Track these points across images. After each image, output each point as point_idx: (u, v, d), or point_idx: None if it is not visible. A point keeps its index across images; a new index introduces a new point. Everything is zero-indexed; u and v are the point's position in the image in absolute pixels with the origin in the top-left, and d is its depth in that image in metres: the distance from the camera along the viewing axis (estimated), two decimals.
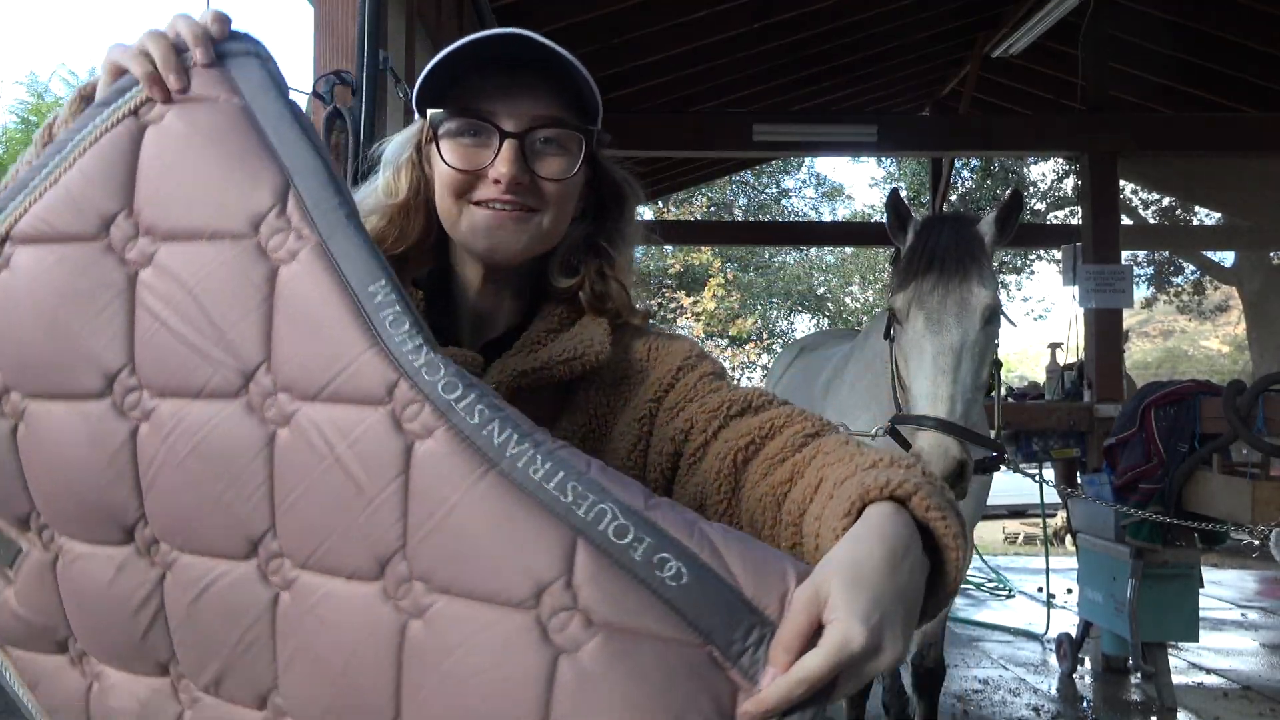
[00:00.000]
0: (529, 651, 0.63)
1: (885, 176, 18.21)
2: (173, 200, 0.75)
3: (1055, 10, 5.64)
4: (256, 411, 0.71)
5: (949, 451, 2.20)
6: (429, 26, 3.95)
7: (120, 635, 0.77)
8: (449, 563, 0.66)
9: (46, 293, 0.76)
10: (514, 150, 0.95)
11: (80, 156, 0.77)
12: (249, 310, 0.72)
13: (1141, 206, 13.62)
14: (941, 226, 2.46)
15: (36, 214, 0.77)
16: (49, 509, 0.78)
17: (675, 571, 0.63)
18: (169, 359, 0.73)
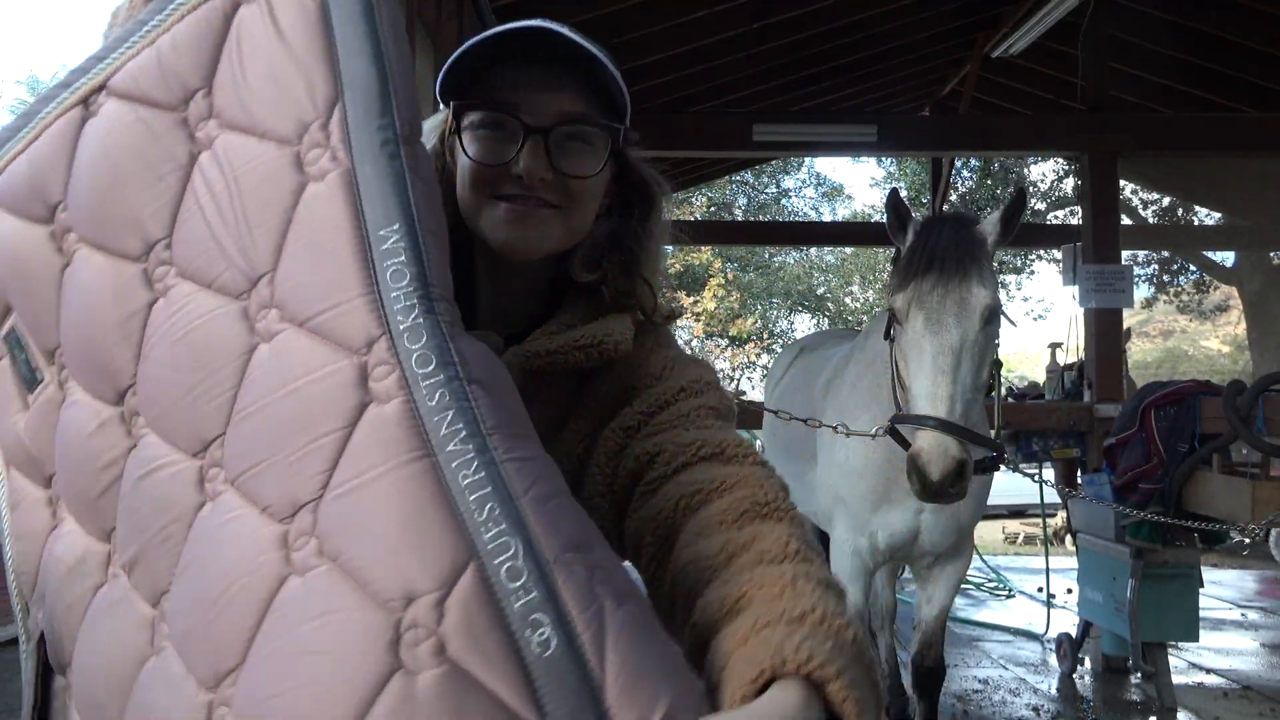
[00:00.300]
0: (372, 653, 0.60)
1: (885, 176, 18.22)
2: (242, 89, 0.74)
3: (1055, 10, 5.64)
4: (249, 319, 0.71)
5: (948, 451, 2.20)
6: (429, 26, 3.95)
7: (83, 487, 0.80)
8: (347, 532, 0.64)
9: (119, 149, 0.78)
10: (538, 146, 0.92)
11: (178, 22, 0.77)
12: (271, 218, 0.72)
13: (1141, 206, 13.63)
14: (941, 227, 2.46)
15: (130, 71, 0.78)
16: (69, 349, 0.81)
17: (544, 639, 0.59)
18: (196, 243, 0.74)
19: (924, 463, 2.22)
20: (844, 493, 3.04)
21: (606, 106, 0.97)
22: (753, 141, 6.62)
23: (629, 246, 1.01)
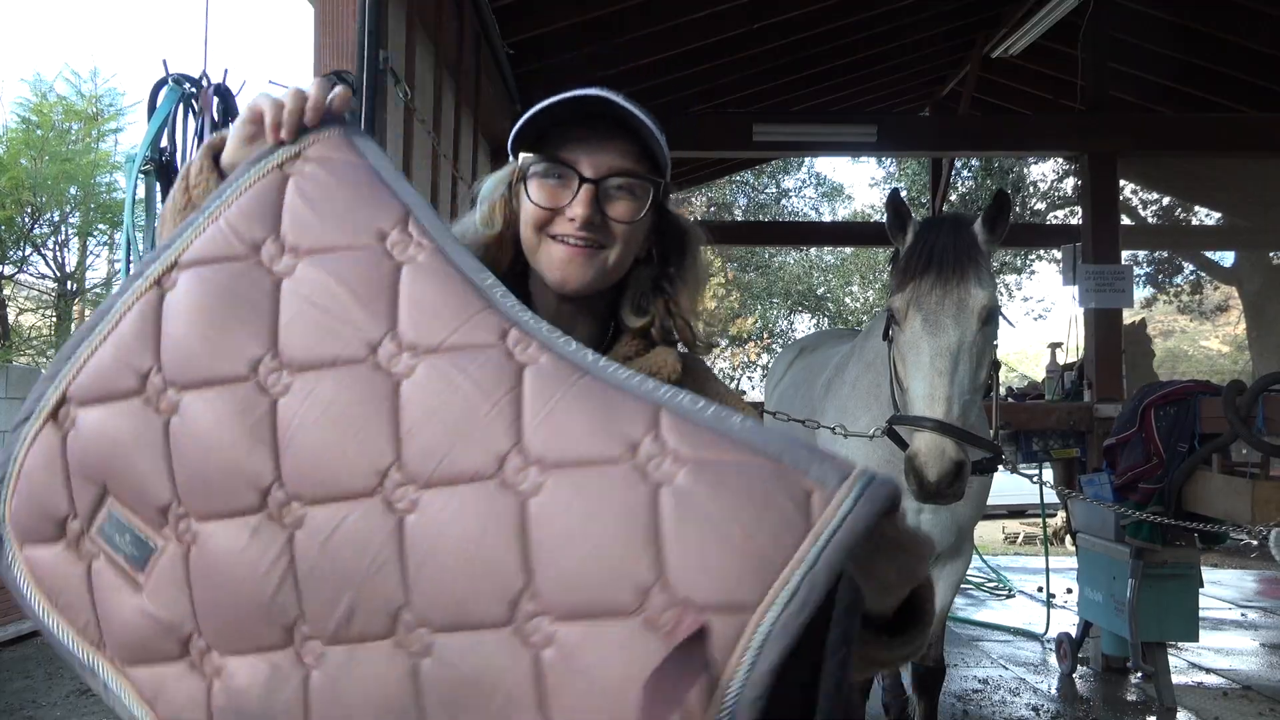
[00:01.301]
0: (632, 490, 0.76)
1: (885, 176, 18.21)
2: (313, 225, 0.93)
3: (1055, 10, 5.64)
4: (384, 369, 0.85)
5: (946, 452, 2.20)
6: (429, 26, 3.95)
7: (247, 605, 0.84)
8: (557, 443, 0.80)
9: (206, 300, 0.90)
10: (590, 193, 1.09)
11: (237, 198, 0.95)
12: (377, 295, 0.88)
13: (1141, 206, 13.62)
14: (940, 227, 2.46)
15: (199, 245, 0.93)
16: (190, 491, 0.87)
17: (741, 420, 0.79)
18: (305, 340, 0.87)
19: (921, 464, 2.21)
20: None
21: (650, 162, 1.14)
22: (753, 141, 6.63)
23: (669, 290, 1.19)
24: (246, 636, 0.85)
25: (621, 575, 0.75)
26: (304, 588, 0.83)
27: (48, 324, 11.03)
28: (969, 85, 7.54)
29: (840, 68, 7.51)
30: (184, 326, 0.90)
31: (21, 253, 10.12)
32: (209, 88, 2.78)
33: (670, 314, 1.18)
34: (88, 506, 0.90)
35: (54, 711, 4.48)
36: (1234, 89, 7.18)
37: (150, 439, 0.88)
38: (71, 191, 10.00)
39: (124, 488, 0.89)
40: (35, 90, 10.26)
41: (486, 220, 1.17)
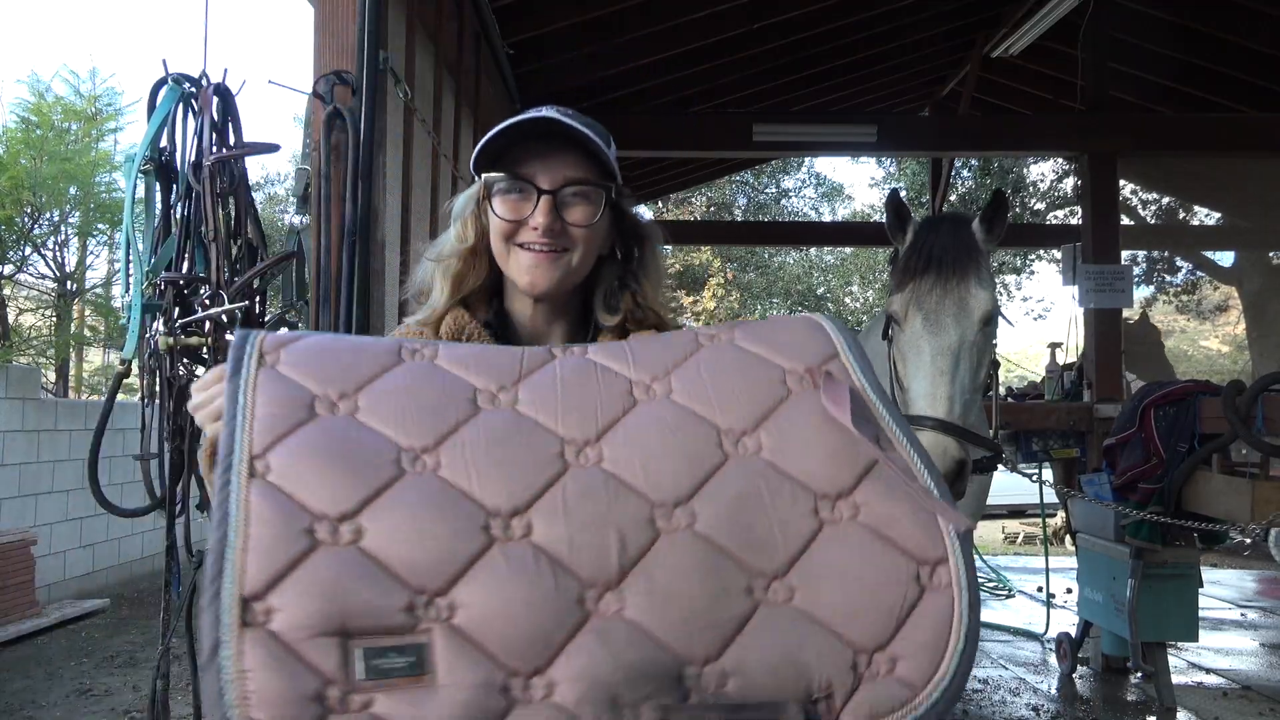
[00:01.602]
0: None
1: (885, 176, 18.20)
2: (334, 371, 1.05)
3: (1055, 10, 5.64)
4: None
5: (948, 451, 2.20)
6: (429, 26, 3.94)
7: (537, 615, 0.88)
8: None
9: (313, 452, 0.93)
10: (548, 203, 1.20)
11: (249, 409, 0.97)
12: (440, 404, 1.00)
13: (1141, 206, 13.62)
14: (939, 227, 2.46)
15: (260, 433, 0.94)
16: (424, 576, 0.88)
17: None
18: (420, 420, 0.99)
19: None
20: None
21: (601, 170, 1.25)
22: (753, 141, 6.63)
23: (635, 284, 1.30)
24: (551, 637, 0.87)
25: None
26: (571, 560, 0.89)
27: (48, 324, 11.03)
28: (969, 85, 7.54)
29: (840, 68, 7.51)
30: (317, 475, 0.91)
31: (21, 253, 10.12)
32: (209, 87, 2.78)
33: (638, 305, 1.29)
34: (336, 664, 0.86)
35: (54, 711, 4.48)
36: (1234, 89, 7.18)
37: (356, 568, 0.87)
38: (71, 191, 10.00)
39: (358, 621, 0.86)
40: (33, 90, 10.26)
41: (460, 236, 1.28)
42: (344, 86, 2.63)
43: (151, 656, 5.34)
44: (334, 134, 2.60)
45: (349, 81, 2.63)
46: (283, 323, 2.99)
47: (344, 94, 2.63)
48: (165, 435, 2.71)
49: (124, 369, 2.77)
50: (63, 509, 7.03)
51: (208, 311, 2.67)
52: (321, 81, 2.64)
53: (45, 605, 6.33)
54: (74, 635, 5.99)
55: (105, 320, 10.95)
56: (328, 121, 2.60)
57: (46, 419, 6.95)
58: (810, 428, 1.00)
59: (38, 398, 7.04)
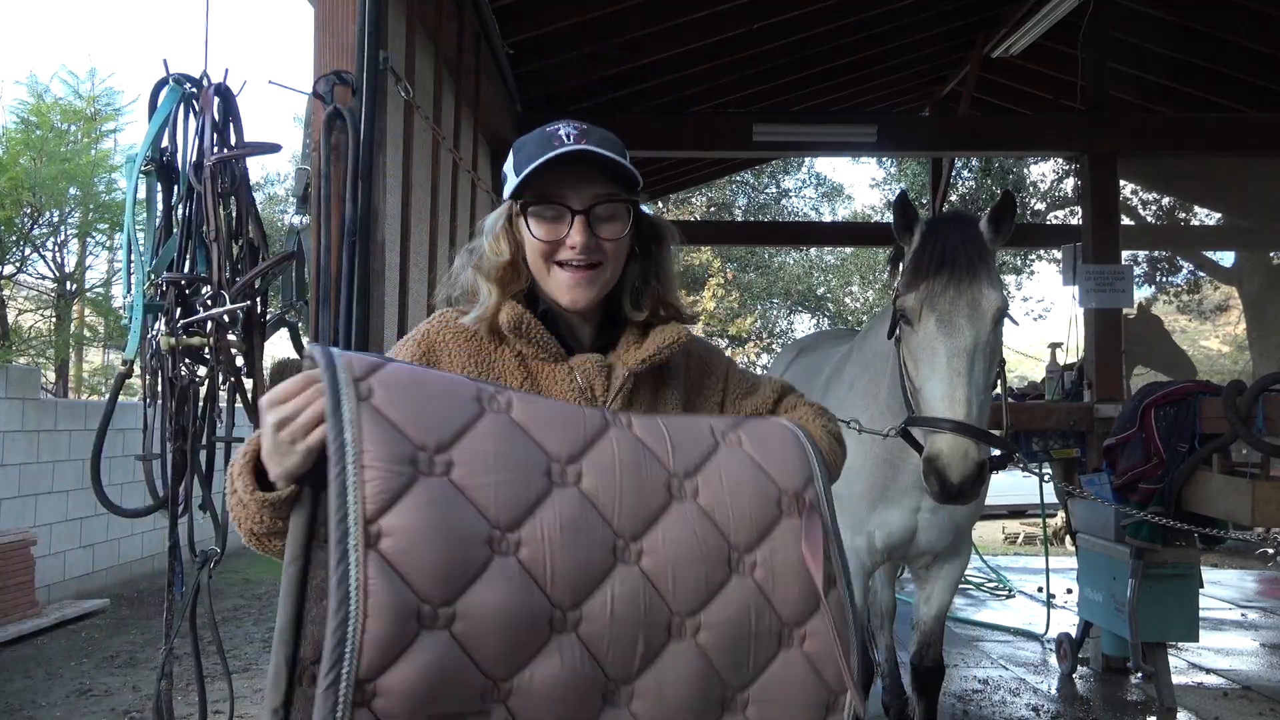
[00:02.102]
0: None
1: (885, 177, 18.19)
2: (415, 422, 1.12)
3: (1055, 10, 5.63)
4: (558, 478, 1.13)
5: (968, 453, 2.20)
6: (429, 26, 3.94)
7: (573, 701, 1.04)
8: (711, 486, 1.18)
9: (423, 524, 0.99)
10: (583, 222, 1.30)
11: (358, 444, 1.01)
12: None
13: (1141, 206, 13.62)
14: (948, 227, 2.45)
15: (375, 498, 0.99)
16: (495, 663, 0.99)
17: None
18: (505, 498, 1.08)
19: (944, 465, 2.22)
20: (841, 491, 3.02)
21: (626, 183, 1.35)
22: (753, 141, 6.62)
23: (657, 279, 1.42)
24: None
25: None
26: (605, 656, 1.04)
27: (47, 324, 11.03)
28: (969, 85, 7.54)
29: (840, 68, 7.51)
30: (427, 553, 0.98)
31: (21, 253, 10.12)
32: (209, 87, 2.78)
33: (659, 301, 1.42)
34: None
35: (54, 711, 4.48)
36: (1234, 89, 7.18)
37: (449, 654, 0.96)
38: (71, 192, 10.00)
39: (445, 705, 0.96)
40: (32, 91, 10.26)
41: (496, 251, 1.36)
42: (344, 86, 2.63)
43: (152, 656, 5.34)
44: (334, 134, 2.60)
45: (349, 81, 2.63)
46: (282, 323, 2.99)
47: (344, 94, 2.63)
48: (167, 435, 2.70)
49: (126, 369, 2.77)
50: (62, 509, 7.03)
51: (209, 312, 2.67)
52: (321, 81, 2.64)
53: (45, 605, 6.33)
54: (74, 635, 5.99)
55: (105, 320, 10.95)
56: (328, 121, 2.60)
57: (46, 419, 6.95)
58: (792, 559, 1.16)
59: (38, 398, 7.04)
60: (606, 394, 1.34)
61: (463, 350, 1.34)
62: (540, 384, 1.34)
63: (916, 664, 3.17)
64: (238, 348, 2.73)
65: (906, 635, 3.66)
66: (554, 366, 1.35)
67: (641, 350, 1.37)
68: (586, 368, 1.35)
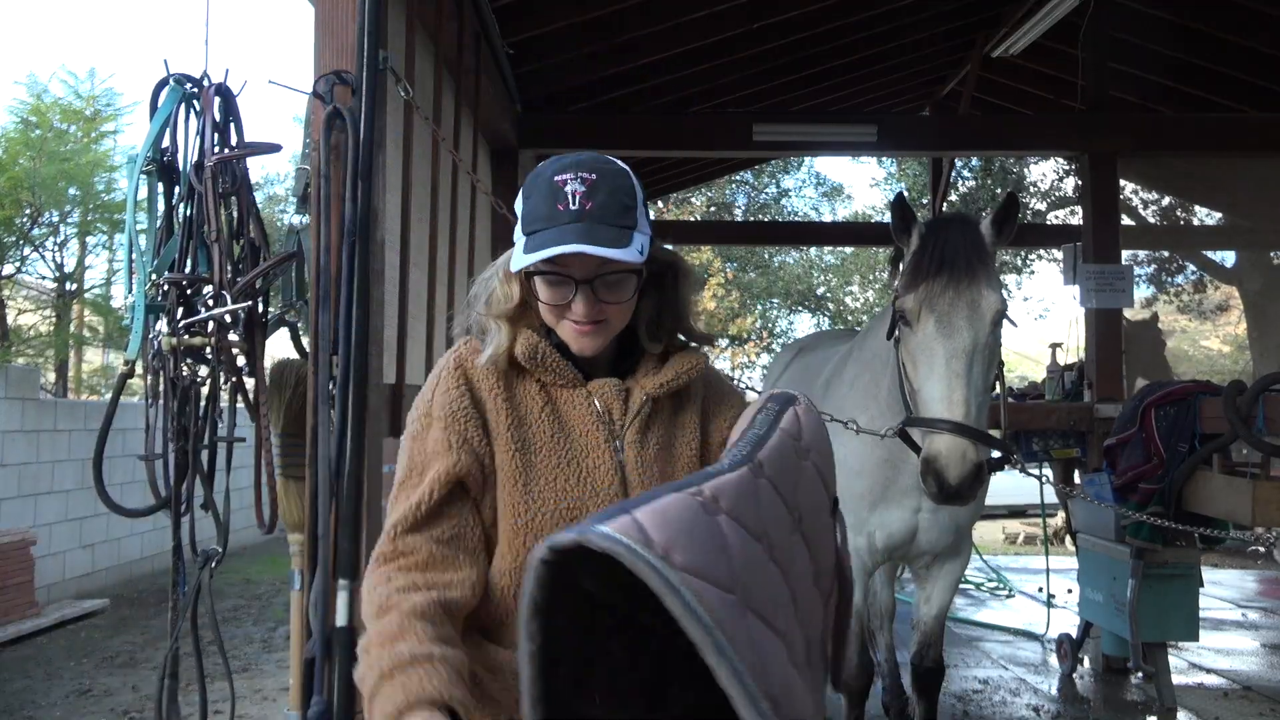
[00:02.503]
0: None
1: (885, 176, 18.19)
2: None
3: (1055, 10, 5.63)
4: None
5: (966, 455, 2.20)
6: (429, 26, 3.94)
7: None
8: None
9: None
10: (586, 294, 1.31)
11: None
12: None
13: (1141, 206, 13.62)
14: (949, 228, 2.46)
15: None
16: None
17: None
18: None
19: (942, 466, 2.22)
20: (841, 492, 3.03)
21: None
22: (753, 141, 6.62)
23: (672, 313, 1.45)
24: None
25: None
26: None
27: (47, 324, 11.02)
28: (969, 85, 7.54)
29: (840, 68, 7.51)
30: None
31: (21, 253, 10.11)
32: (210, 88, 2.78)
33: (675, 331, 1.45)
34: None
35: (54, 711, 4.48)
36: (1234, 89, 7.18)
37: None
38: (70, 192, 9.99)
39: None
40: (32, 91, 10.24)
41: (505, 294, 1.38)
42: (344, 86, 2.63)
43: (152, 656, 5.34)
44: (334, 134, 2.59)
45: (349, 81, 2.63)
46: (282, 323, 2.99)
47: (344, 94, 2.62)
48: (169, 435, 2.71)
49: (128, 369, 2.77)
50: (62, 509, 7.03)
51: (211, 312, 2.67)
52: (321, 81, 2.64)
53: (45, 605, 6.33)
54: (74, 635, 5.98)
55: (105, 320, 10.94)
56: (328, 121, 2.59)
57: (46, 419, 6.95)
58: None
59: (37, 398, 7.04)
60: (624, 417, 1.38)
61: (490, 375, 1.37)
62: (560, 410, 1.37)
63: (917, 664, 3.17)
64: (239, 348, 2.73)
65: (906, 635, 3.66)
66: (572, 392, 1.38)
67: (660, 375, 1.41)
68: (604, 392, 1.38)
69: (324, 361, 2.45)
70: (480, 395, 1.35)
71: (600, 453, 1.35)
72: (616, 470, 1.35)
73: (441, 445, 1.32)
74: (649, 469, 1.36)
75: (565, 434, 1.36)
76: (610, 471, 1.34)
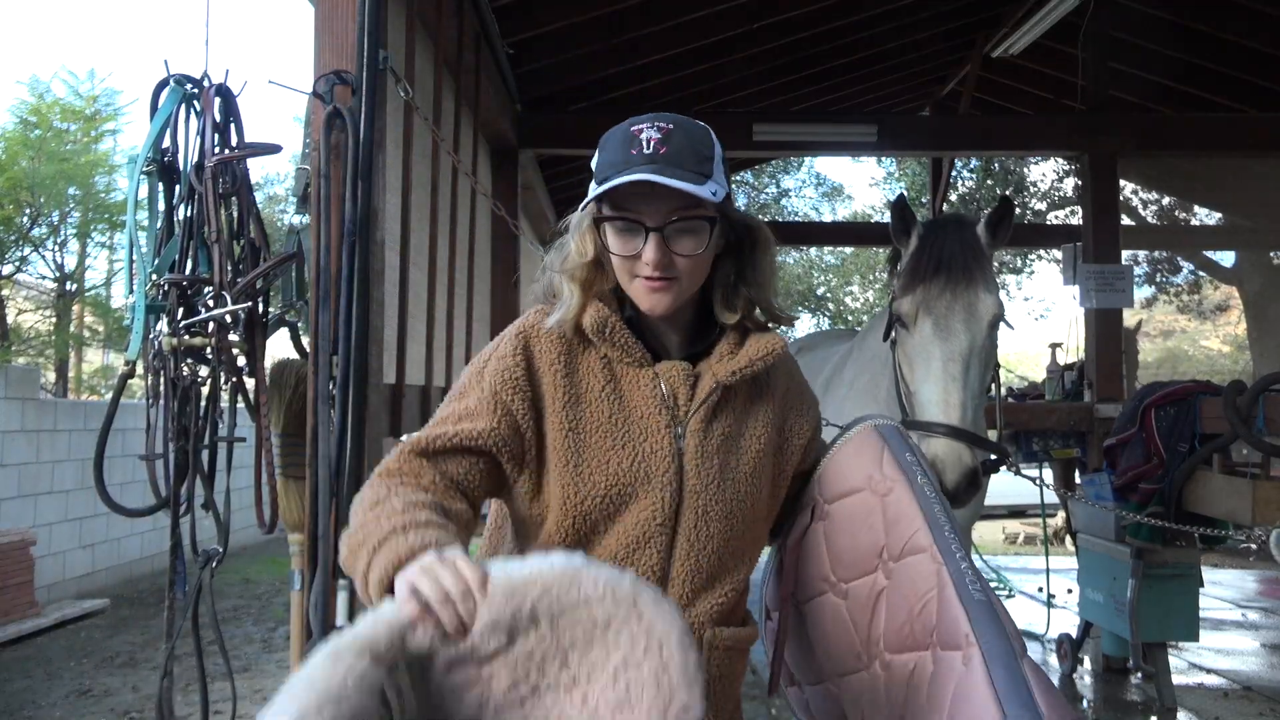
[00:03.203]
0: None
1: (885, 176, 18.20)
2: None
3: (1055, 10, 5.64)
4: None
5: (961, 458, 2.20)
6: (429, 26, 3.95)
7: None
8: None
9: None
10: (656, 240, 1.26)
11: None
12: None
13: (1141, 206, 13.63)
14: (946, 230, 2.45)
15: None
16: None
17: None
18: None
19: (939, 470, 2.22)
20: None
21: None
22: (753, 141, 6.62)
23: (749, 281, 1.37)
24: None
25: None
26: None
27: (47, 324, 11.02)
28: (969, 85, 7.54)
29: (840, 68, 7.51)
30: None
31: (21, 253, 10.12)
32: (210, 88, 2.78)
33: (753, 303, 1.37)
34: None
35: (54, 711, 4.48)
36: (1234, 89, 7.18)
37: None
38: (70, 192, 9.99)
39: None
40: (32, 91, 10.24)
41: (580, 251, 1.33)
42: (344, 86, 2.63)
43: (151, 656, 5.34)
44: (334, 134, 2.59)
45: (349, 81, 2.63)
46: (282, 323, 2.99)
47: (344, 94, 2.62)
48: (170, 435, 2.71)
49: (128, 369, 2.77)
50: (62, 509, 7.03)
51: (211, 312, 2.67)
52: (321, 81, 2.64)
53: (45, 605, 6.33)
54: (74, 635, 5.99)
55: (105, 321, 10.95)
56: (328, 121, 2.59)
57: (46, 419, 6.95)
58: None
59: (37, 398, 7.04)
60: (690, 403, 1.31)
61: (553, 348, 1.32)
62: (623, 389, 1.32)
63: None
64: (239, 348, 2.73)
65: None
66: (638, 372, 1.32)
67: (734, 361, 1.34)
68: (672, 375, 1.32)
69: (324, 361, 2.45)
70: (538, 366, 1.31)
71: (659, 438, 1.28)
72: (674, 458, 1.28)
73: (485, 408, 1.28)
74: (709, 460, 1.29)
75: (625, 414, 1.30)
76: (667, 458, 1.28)
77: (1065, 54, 6.79)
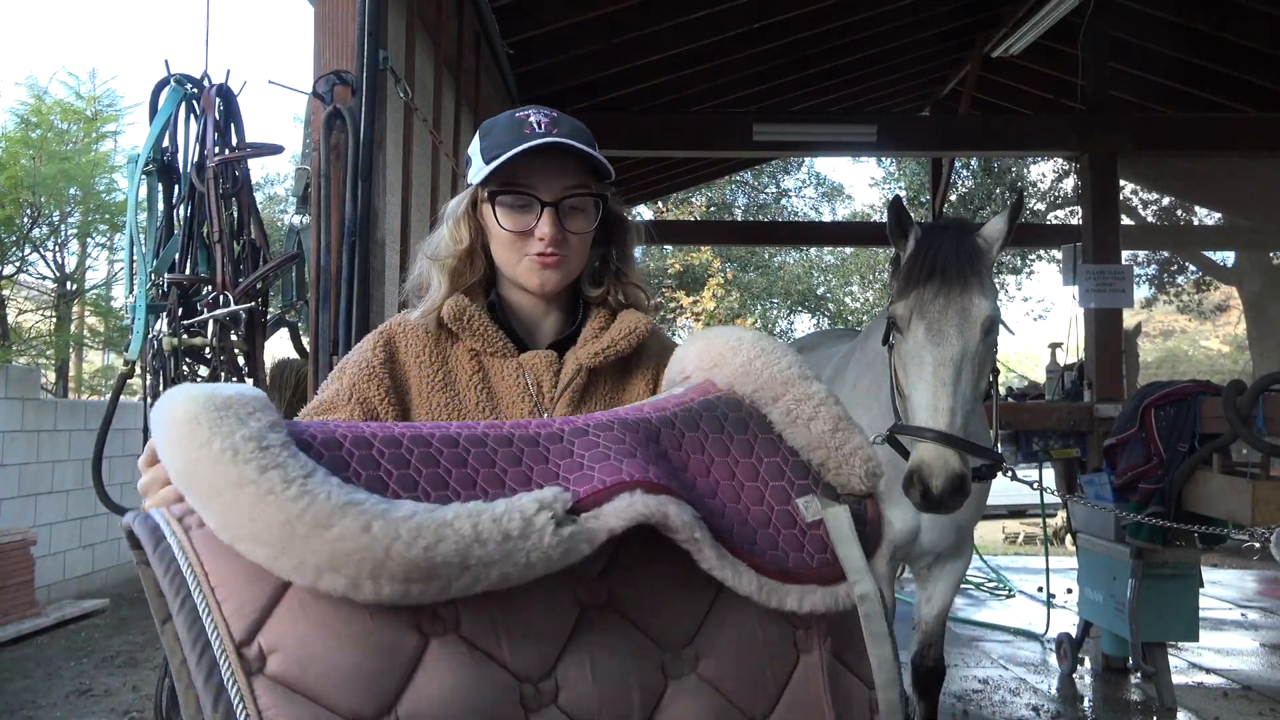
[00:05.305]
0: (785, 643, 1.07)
1: (885, 176, 18.20)
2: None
3: (1055, 10, 5.64)
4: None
5: (948, 463, 2.20)
6: (429, 26, 3.95)
7: None
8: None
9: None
10: (552, 215, 1.28)
11: None
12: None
13: (1141, 206, 13.63)
14: (943, 235, 2.45)
15: None
16: None
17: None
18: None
19: (926, 475, 2.22)
20: None
21: (595, 174, 1.32)
22: (753, 141, 6.63)
23: (617, 265, 1.41)
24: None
25: None
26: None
27: (47, 324, 11.02)
28: (969, 85, 7.54)
29: (840, 68, 7.51)
30: None
31: (21, 253, 10.12)
32: (211, 88, 2.78)
33: (620, 282, 1.40)
34: None
35: (54, 712, 4.48)
36: (1234, 89, 7.18)
37: None
38: (71, 192, 9.99)
39: None
40: (32, 92, 10.24)
41: (455, 238, 1.34)
42: (344, 86, 2.63)
43: (151, 656, 5.34)
44: (334, 134, 2.60)
45: (349, 81, 2.63)
46: (282, 323, 2.99)
47: (344, 94, 2.63)
48: None
49: (128, 369, 2.77)
50: (62, 509, 7.03)
51: (212, 312, 2.67)
52: (321, 81, 2.64)
53: (45, 605, 6.33)
54: (74, 635, 5.98)
55: (105, 321, 10.95)
56: (328, 121, 2.60)
57: (46, 419, 6.95)
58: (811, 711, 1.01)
59: (37, 398, 7.04)
60: (554, 390, 1.31)
61: (419, 341, 1.33)
62: (491, 381, 1.32)
63: (918, 664, 3.17)
64: (239, 348, 2.73)
65: (907, 635, 3.66)
66: (503, 363, 1.33)
67: (598, 343, 1.35)
68: (535, 363, 1.32)
69: (324, 361, 2.45)
70: (403, 360, 1.32)
71: None
72: None
73: (341, 400, 1.28)
74: None
75: (493, 405, 1.31)
76: None
77: (1065, 54, 6.80)
